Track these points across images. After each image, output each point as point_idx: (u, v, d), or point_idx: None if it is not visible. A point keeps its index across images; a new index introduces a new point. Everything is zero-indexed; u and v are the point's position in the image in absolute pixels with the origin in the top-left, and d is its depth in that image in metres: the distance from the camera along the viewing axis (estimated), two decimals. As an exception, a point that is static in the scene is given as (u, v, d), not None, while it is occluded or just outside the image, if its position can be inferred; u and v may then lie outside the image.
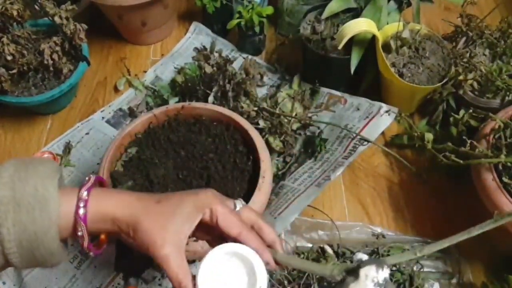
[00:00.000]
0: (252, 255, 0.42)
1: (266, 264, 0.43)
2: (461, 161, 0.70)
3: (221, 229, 0.44)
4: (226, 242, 0.44)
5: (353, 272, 0.42)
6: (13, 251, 0.40)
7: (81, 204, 0.42)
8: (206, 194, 0.45)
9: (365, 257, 0.43)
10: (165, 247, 0.41)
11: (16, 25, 0.87)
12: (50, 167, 0.43)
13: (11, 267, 0.42)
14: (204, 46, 1.07)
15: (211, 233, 0.46)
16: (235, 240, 0.44)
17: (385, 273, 0.40)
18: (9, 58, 0.82)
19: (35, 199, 0.40)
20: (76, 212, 0.42)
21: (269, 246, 0.46)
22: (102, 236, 0.51)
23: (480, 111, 0.78)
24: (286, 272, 0.71)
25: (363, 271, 0.40)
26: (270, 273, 0.70)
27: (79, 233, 0.43)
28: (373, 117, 0.88)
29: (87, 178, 0.45)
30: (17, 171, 0.41)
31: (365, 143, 0.84)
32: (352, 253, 0.74)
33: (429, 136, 0.80)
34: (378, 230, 0.78)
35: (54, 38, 0.86)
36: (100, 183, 0.48)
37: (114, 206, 0.44)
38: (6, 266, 0.42)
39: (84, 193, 0.43)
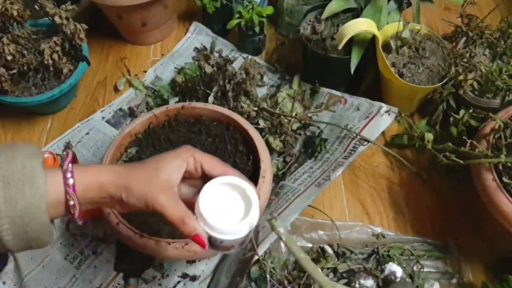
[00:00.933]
0: (243, 182, 0.46)
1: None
2: (461, 161, 0.70)
3: (206, 173, 0.48)
4: None
5: None
6: (5, 228, 0.40)
7: (68, 175, 0.44)
8: (185, 147, 0.49)
9: (398, 270, 0.41)
10: (160, 196, 0.44)
11: (16, 25, 0.87)
12: (33, 148, 0.44)
13: (3, 249, 0.42)
14: (204, 46, 1.07)
15: (196, 187, 0.50)
16: None
17: None
18: (9, 58, 0.82)
19: (23, 176, 0.41)
20: (65, 183, 0.43)
21: None
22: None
23: (480, 111, 0.78)
24: (286, 272, 0.72)
25: None
26: (271, 274, 0.70)
27: (71, 202, 0.44)
28: (373, 117, 0.88)
29: (65, 153, 0.47)
30: (3, 152, 0.42)
31: (365, 143, 0.84)
32: (353, 253, 0.74)
33: (429, 136, 0.80)
34: (378, 230, 0.78)
35: (54, 38, 0.86)
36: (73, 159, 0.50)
37: (98, 174, 0.45)
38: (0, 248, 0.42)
39: (69, 166, 0.44)
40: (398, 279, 0.38)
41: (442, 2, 1.15)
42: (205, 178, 0.48)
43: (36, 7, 0.85)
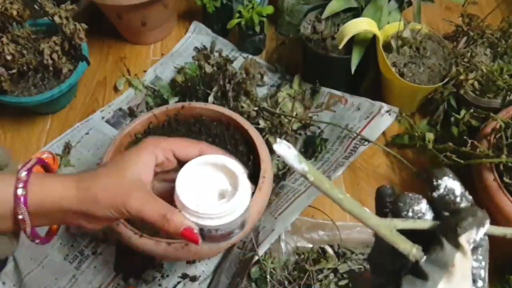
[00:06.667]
0: (222, 158, 0.41)
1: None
2: (462, 161, 0.70)
3: (181, 159, 0.42)
4: None
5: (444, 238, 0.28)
6: None
7: (20, 185, 0.38)
8: (149, 139, 0.42)
9: (456, 186, 0.29)
10: (133, 198, 0.38)
11: (16, 24, 0.87)
12: None
13: None
14: (204, 46, 1.07)
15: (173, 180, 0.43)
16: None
17: (484, 229, 0.28)
18: (8, 58, 0.82)
19: None
20: (15, 193, 0.37)
21: None
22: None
23: (481, 111, 0.77)
24: (286, 272, 0.71)
25: (463, 238, 0.27)
26: (271, 274, 0.70)
27: (20, 217, 0.38)
28: (374, 117, 0.88)
29: (33, 156, 0.42)
30: None
31: (366, 143, 0.84)
32: (353, 253, 0.74)
33: (430, 136, 0.80)
34: (379, 230, 0.78)
35: (54, 38, 0.86)
36: (44, 166, 0.44)
37: (55, 186, 0.39)
38: None
39: (23, 174, 0.38)
40: (458, 199, 0.28)
41: (443, 1, 1.15)
42: (182, 166, 0.41)
43: (36, 6, 0.85)
